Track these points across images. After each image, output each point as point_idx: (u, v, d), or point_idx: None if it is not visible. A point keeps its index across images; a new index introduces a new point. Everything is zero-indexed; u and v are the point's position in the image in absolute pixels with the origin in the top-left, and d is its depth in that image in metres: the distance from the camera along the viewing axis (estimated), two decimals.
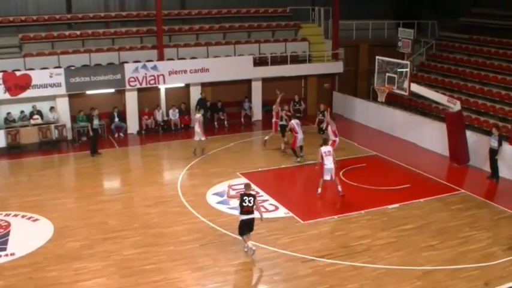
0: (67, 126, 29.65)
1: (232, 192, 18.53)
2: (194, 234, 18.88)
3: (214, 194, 22.72)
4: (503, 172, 24.55)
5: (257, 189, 23.03)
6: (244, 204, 17.33)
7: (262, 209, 20.46)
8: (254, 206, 17.43)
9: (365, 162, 26.53)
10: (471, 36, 36.21)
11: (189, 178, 24.75)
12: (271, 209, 21.14)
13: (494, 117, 28.79)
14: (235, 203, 21.19)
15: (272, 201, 21.84)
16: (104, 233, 19.04)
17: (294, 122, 26.57)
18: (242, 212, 17.46)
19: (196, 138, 27.28)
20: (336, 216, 20.54)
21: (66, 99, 29.89)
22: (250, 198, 17.39)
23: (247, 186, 17.99)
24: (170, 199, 22.10)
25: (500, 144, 24.04)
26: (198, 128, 27.18)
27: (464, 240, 18.78)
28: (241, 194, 17.52)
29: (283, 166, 26.14)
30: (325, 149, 22.30)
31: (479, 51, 34.55)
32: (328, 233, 19.25)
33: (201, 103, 31.46)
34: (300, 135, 26.44)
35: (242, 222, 17.49)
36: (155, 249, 17.96)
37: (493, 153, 24.22)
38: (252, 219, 17.56)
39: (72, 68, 30.02)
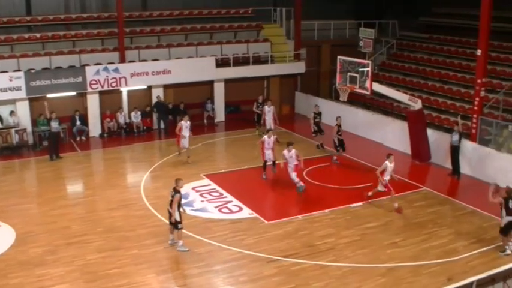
0: (28, 131, 29.21)
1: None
2: (158, 237, 18.75)
3: None
4: (464, 169, 24.91)
5: (221, 190, 23.05)
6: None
7: (227, 210, 20.53)
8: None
9: (328, 161, 26.65)
10: (431, 35, 36.65)
11: (153, 181, 24.60)
12: (235, 210, 21.13)
13: (455, 115, 29.11)
14: (200, 204, 21.24)
15: (236, 202, 21.82)
16: (67, 238, 18.80)
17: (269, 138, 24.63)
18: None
19: (186, 145, 26.66)
20: (299, 216, 20.60)
21: (27, 103, 29.44)
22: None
23: (177, 181, 18.06)
24: (133, 202, 21.94)
25: (460, 141, 24.38)
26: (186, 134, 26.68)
27: (427, 236, 19.02)
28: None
29: (246, 167, 26.12)
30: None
31: (439, 50, 34.97)
32: (293, 233, 19.29)
33: (158, 107, 31.26)
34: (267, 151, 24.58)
35: None
36: (119, 253, 17.80)
37: (455, 150, 24.54)
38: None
39: (33, 71, 29.59)
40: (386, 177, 20.99)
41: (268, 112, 29.89)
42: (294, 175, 22.79)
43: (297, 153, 22.76)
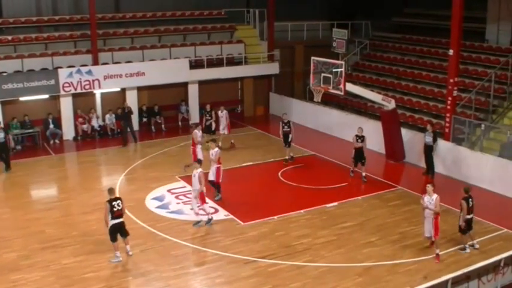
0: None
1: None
2: (134, 240, 18.64)
3: (153, 198, 22.56)
4: (438, 168, 25.14)
5: None
6: (114, 209, 17.18)
7: (202, 212, 20.46)
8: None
9: (303, 162, 26.72)
10: (404, 35, 36.93)
11: (128, 183, 24.48)
12: (211, 211, 21.07)
13: (428, 114, 29.41)
14: (175, 206, 21.21)
15: (212, 203, 21.76)
16: (42, 242, 18.63)
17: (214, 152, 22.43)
18: (113, 218, 17.27)
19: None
20: (275, 217, 20.62)
21: None
22: (118, 201, 17.29)
23: (110, 191, 17.62)
24: None
25: (435, 140, 24.60)
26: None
27: (403, 235, 19.17)
28: (107, 201, 17.32)
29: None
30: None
31: (411, 50, 35.24)
32: (269, 234, 19.31)
33: (124, 116, 30.80)
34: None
35: (113, 226, 17.35)
36: (95, 256, 17.68)
37: (429, 150, 24.74)
38: (123, 223, 17.51)
39: (4, 74, 29.30)
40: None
41: (221, 117, 29.36)
42: (195, 203, 20.36)
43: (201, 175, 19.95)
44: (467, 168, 24.11)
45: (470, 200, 17.77)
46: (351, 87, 26.44)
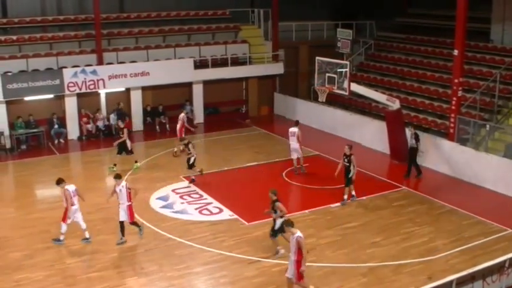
0: (5, 134, 28.99)
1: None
2: (138, 240, 18.68)
3: (157, 198, 22.57)
4: (443, 168, 25.10)
5: (201, 192, 23.00)
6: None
7: (207, 212, 20.50)
8: None
9: (307, 162, 26.64)
10: (408, 35, 36.85)
11: (132, 183, 24.34)
12: (215, 211, 21.11)
13: (433, 115, 29.35)
14: (180, 206, 21.22)
15: (216, 203, 21.79)
16: (46, 241, 18.63)
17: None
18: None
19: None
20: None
21: (4, 106, 29.17)
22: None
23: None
24: (113, 205, 21.68)
25: (417, 141, 24.49)
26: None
27: (407, 235, 19.13)
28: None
29: (225, 168, 26.10)
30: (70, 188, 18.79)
31: (416, 51, 35.17)
32: None
33: (119, 114, 30.95)
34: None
35: None
36: (99, 256, 17.71)
37: (413, 152, 24.61)
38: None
39: (9, 74, 29.36)
40: None
41: (180, 120, 28.81)
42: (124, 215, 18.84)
43: (129, 186, 18.95)
44: (472, 168, 24.06)
45: (277, 203, 17.61)
46: (356, 87, 26.39)
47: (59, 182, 18.85)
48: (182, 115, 28.80)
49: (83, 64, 31.19)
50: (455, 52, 25.12)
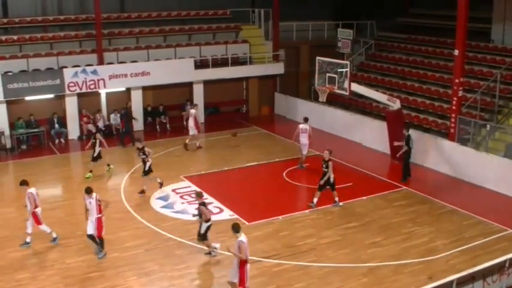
0: (6, 134, 29.00)
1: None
2: (139, 240, 18.69)
3: (158, 198, 22.57)
4: (444, 168, 25.10)
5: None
6: None
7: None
8: None
9: (308, 162, 26.64)
10: (409, 35, 36.85)
11: (133, 183, 24.47)
12: (215, 211, 21.08)
13: (433, 115, 29.34)
14: (180, 206, 21.22)
15: (217, 203, 21.79)
16: (47, 241, 18.62)
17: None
18: None
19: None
20: (280, 217, 20.61)
21: (4, 105, 29.16)
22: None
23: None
24: (113, 205, 21.71)
25: (407, 143, 24.34)
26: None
27: (408, 235, 19.13)
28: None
29: (226, 168, 26.09)
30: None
31: (417, 51, 35.17)
32: (274, 234, 19.30)
33: (126, 114, 30.87)
34: None
35: None
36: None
37: (407, 155, 24.50)
38: None
39: (10, 73, 29.36)
40: None
41: (191, 116, 29.41)
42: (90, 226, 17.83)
43: (99, 198, 17.88)
44: (472, 168, 24.05)
45: (203, 206, 17.73)
46: (356, 88, 26.41)
47: (23, 183, 18.54)
48: (193, 111, 29.24)
49: (84, 64, 31.18)
50: (456, 52, 25.11)
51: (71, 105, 31.06)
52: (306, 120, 26.16)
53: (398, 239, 18.90)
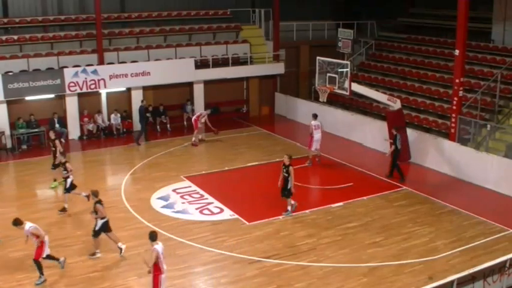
0: (6, 134, 29.00)
1: None
2: (139, 240, 18.65)
3: (158, 198, 22.56)
4: (444, 168, 25.10)
5: (201, 192, 22.99)
6: None
7: (208, 212, 20.55)
8: None
9: (307, 161, 26.64)
10: (409, 35, 36.86)
11: (133, 183, 24.48)
12: (216, 211, 21.10)
13: (434, 115, 29.34)
14: (180, 206, 21.21)
15: (217, 203, 21.79)
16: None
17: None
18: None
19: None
20: (280, 217, 20.60)
21: (5, 105, 29.14)
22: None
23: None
24: (114, 205, 21.78)
25: (394, 143, 24.37)
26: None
27: (408, 235, 19.12)
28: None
29: (226, 168, 26.09)
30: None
31: (417, 51, 35.17)
32: (274, 234, 19.30)
33: (141, 111, 30.97)
34: None
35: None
36: (100, 256, 17.67)
37: (395, 155, 24.52)
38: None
39: (10, 73, 29.35)
40: None
41: (202, 117, 30.58)
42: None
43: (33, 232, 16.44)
44: (473, 168, 24.04)
45: (99, 204, 17.69)
46: (357, 87, 26.41)
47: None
48: (204, 112, 30.36)
49: (84, 64, 31.16)
50: (456, 52, 25.11)
51: (72, 105, 31.03)
52: (315, 116, 26.36)
53: (398, 239, 18.89)
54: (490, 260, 15.30)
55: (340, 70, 25.44)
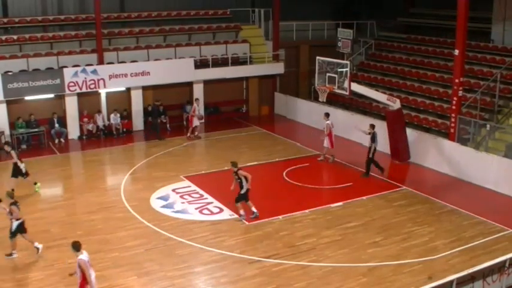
0: (5, 134, 28.98)
1: None
2: (139, 240, 18.69)
3: (158, 198, 22.55)
4: (444, 168, 25.11)
5: (201, 191, 22.99)
6: None
7: (207, 212, 20.56)
8: None
9: (308, 162, 26.69)
10: (409, 35, 36.87)
11: (132, 183, 24.48)
12: (215, 211, 21.10)
13: (433, 115, 29.34)
14: (180, 206, 21.21)
15: (216, 203, 21.79)
16: (47, 241, 18.60)
17: None
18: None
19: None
20: (280, 217, 20.60)
21: (4, 105, 29.14)
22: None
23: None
24: (113, 205, 21.82)
25: (373, 141, 24.43)
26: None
27: (408, 235, 19.12)
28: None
29: (226, 168, 26.05)
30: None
31: (417, 50, 35.17)
32: (273, 234, 19.29)
33: (154, 110, 31.52)
34: None
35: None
36: (100, 256, 17.65)
37: (372, 152, 24.59)
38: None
39: (10, 73, 29.35)
40: None
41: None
42: None
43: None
44: (472, 168, 24.05)
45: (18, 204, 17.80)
46: (356, 87, 26.40)
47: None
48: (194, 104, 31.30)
49: (84, 64, 31.15)
50: (456, 52, 25.13)
51: (71, 105, 31.02)
52: (328, 115, 26.95)
53: (398, 238, 18.89)
54: (490, 259, 15.29)
55: (339, 70, 25.42)
